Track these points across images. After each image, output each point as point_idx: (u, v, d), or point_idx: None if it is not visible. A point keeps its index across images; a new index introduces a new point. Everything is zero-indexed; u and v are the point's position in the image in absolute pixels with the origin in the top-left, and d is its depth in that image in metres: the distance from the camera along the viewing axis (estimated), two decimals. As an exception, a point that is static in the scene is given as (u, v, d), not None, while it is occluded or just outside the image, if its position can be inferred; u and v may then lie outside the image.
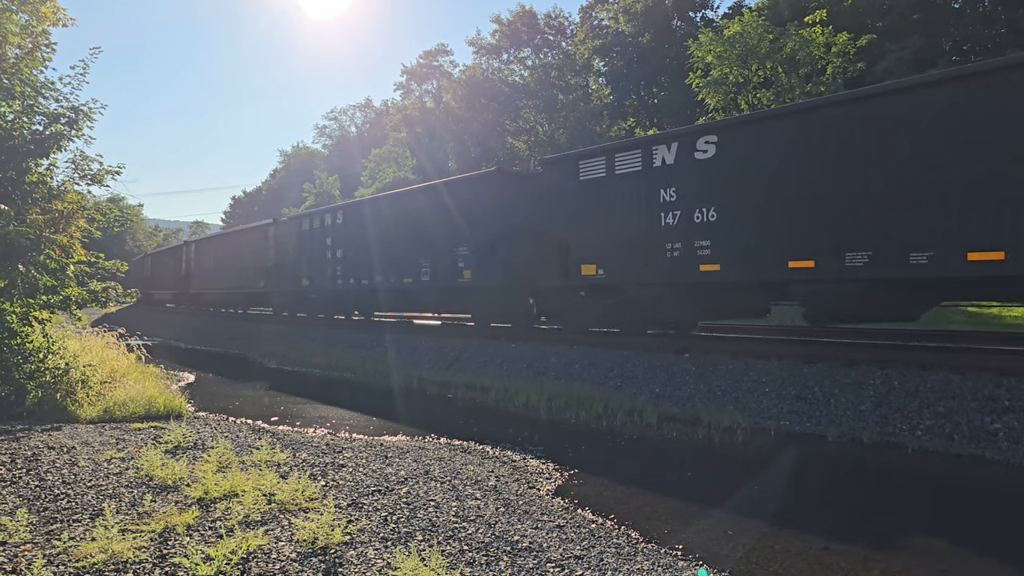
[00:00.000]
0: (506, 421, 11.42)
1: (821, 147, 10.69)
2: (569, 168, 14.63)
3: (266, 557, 4.46)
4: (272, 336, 24.00)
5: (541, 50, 46.83)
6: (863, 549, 5.56)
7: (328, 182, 56.19)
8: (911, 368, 9.81)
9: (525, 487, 7.06)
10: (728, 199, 11.91)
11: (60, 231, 9.71)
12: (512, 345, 15.39)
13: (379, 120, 70.07)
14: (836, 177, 10.50)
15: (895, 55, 23.62)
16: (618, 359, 12.97)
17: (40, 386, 9.57)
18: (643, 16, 39.28)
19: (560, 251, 14.82)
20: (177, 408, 10.11)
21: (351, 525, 5.12)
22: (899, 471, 8.07)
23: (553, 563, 4.72)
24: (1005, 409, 8.41)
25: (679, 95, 34.30)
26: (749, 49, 24.53)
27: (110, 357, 12.16)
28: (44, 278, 9.51)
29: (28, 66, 9.78)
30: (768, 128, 11.49)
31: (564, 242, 14.72)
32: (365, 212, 21.93)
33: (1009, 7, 24.10)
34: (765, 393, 10.43)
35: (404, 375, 15.88)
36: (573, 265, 14.53)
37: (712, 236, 12.09)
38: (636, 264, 13.31)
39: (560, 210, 14.80)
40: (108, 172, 10.41)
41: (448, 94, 48.93)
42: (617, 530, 5.83)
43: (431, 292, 18.82)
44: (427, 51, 59.18)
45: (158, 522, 4.95)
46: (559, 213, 14.83)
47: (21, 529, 4.76)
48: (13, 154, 9.55)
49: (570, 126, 40.08)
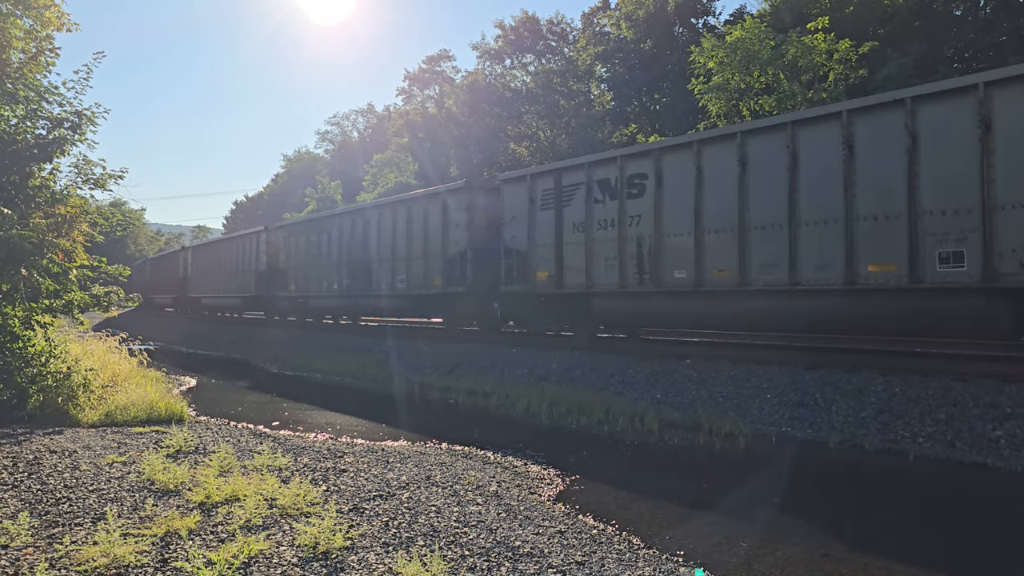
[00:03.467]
0: (507, 426, 11.41)
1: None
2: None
3: (268, 562, 4.46)
4: (273, 341, 24.02)
5: (544, 55, 46.92)
6: (864, 556, 5.55)
7: (330, 187, 56.22)
8: (913, 375, 9.79)
9: (526, 492, 7.06)
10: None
11: (63, 235, 9.72)
12: (513, 350, 15.39)
13: (381, 125, 70.14)
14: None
15: (897, 62, 23.62)
16: (619, 364, 12.97)
17: (42, 390, 9.58)
18: (645, 22, 39.33)
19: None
20: (179, 412, 10.12)
21: (352, 530, 5.12)
22: (901, 478, 8.06)
23: (554, 569, 4.71)
24: (1007, 416, 8.39)
25: (681, 101, 34.32)
26: (751, 55, 24.55)
27: (112, 361, 12.17)
28: (46, 282, 9.52)
29: (32, 70, 9.81)
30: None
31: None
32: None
33: (1010, 14, 24.15)
34: (766, 399, 10.42)
35: (406, 380, 15.88)
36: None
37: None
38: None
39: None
40: (111, 176, 10.45)
41: (450, 99, 48.95)
42: (618, 536, 5.82)
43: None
44: (430, 56, 59.18)
45: (160, 526, 4.95)
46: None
47: (23, 533, 4.77)
48: (16, 158, 9.58)
49: (572, 132, 40.13)
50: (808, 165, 10.85)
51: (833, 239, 10.47)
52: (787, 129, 11.10)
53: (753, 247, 11.47)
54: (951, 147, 9.37)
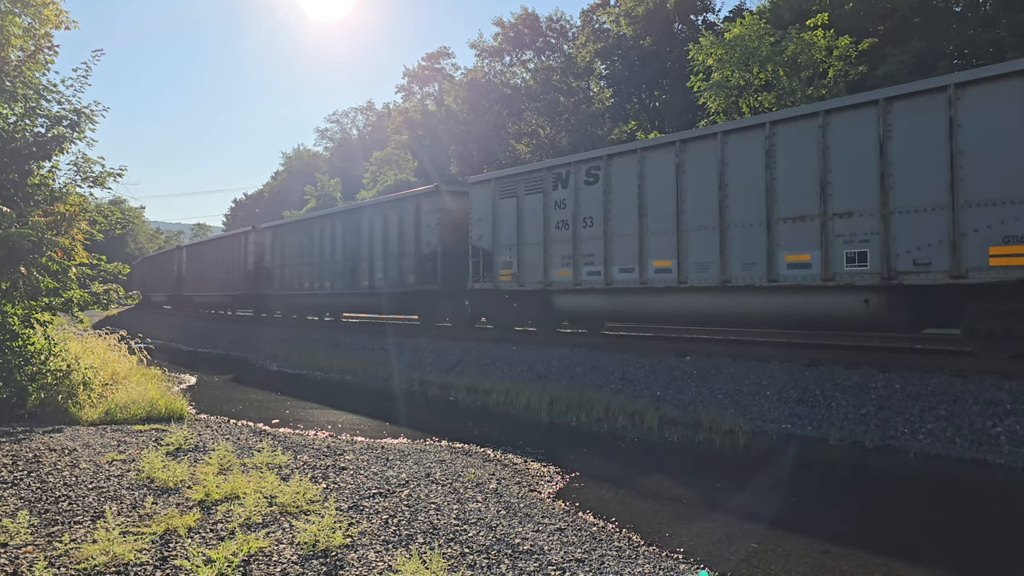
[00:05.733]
0: (507, 424, 11.42)
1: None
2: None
3: (267, 560, 4.46)
4: (273, 339, 24.03)
5: (543, 53, 46.83)
6: (864, 553, 5.55)
7: (330, 185, 56.18)
8: (913, 371, 9.78)
9: (526, 490, 7.06)
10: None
11: (62, 233, 9.71)
12: (513, 348, 15.39)
13: (380, 123, 69.98)
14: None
15: (897, 59, 23.58)
16: (619, 362, 12.97)
17: (42, 388, 9.57)
18: (644, 19, 39.25)
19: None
20: (178, 410, 10.11)
21: (352, 528, 5.12)
22: (901, 475, 8.06)
23: (554, 566, 4.71)
24: (1007, 412, 8.39)
25: (681, 98, 34.25)
26: (750, 52, 24.51)
27: (111, 359, 12.16)
28: (46, 280, 9.51)
29: (31, 69, 9.80)
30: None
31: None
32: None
33: (1010, 10, 24.08)
34: (766, 396, 10.42)
35: (406, 378, 15.89)
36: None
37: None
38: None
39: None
40: (110, 174, 10.44)
41: (450, 97, 48.86)
42: (618, 533, 5.82)
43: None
44: (429, 54, 59.03)
45: (159, 524, 4.95)
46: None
47: (22, 531, 4.76)
48: (15, 156, 9.57)
49: (572, 129, 40.08)
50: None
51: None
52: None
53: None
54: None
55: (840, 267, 10.43)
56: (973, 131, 9.17)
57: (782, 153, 11.19)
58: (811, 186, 10.77)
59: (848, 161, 10.40)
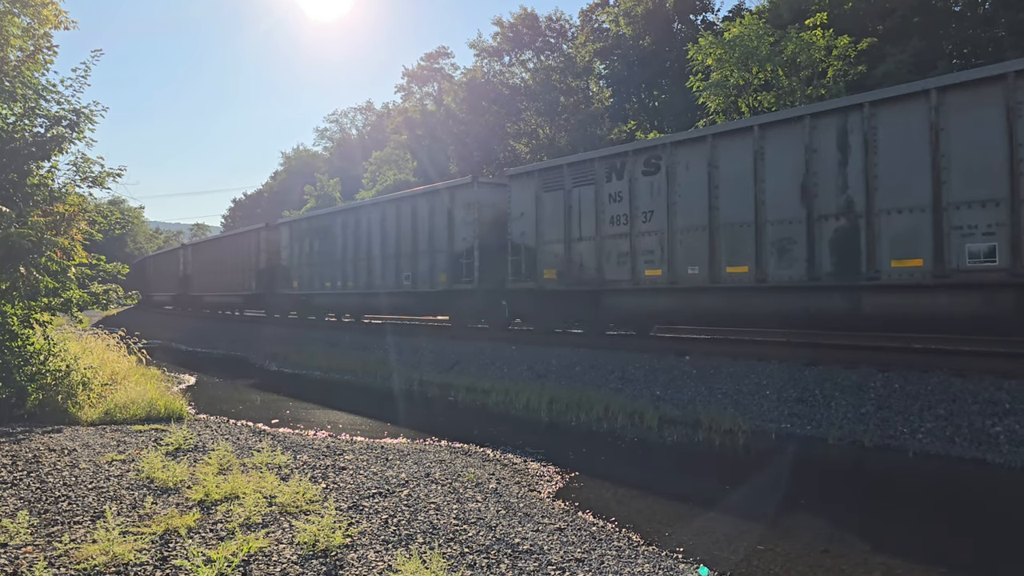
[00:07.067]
0: (507, 423, 11.42)
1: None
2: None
3: (267, 559, 4.46)
4: (273, 338, 24.01)
5: (542, 52, 46.80)
6: (863, 552, 5.56)
7: (329, 184, 56.14)
8: (912, 371, 9.79)
9: (526, 490, 7.06)
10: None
11: (61, 233, 9.70)
12: (513, 347, 15.38)
13: (380, 123, 69.94)
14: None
15: (896, 58, 23.59)
16: (619, 361, 12.97)
17: (41, 388, 9.57)
18: (644, 19, 39.25)
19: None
20: (178, 410, 10.11)
21: (352, 527, 5.12)
22: (900, 474, 8.06)
23: (554, 565, 4.71)
24: (1006, 412, 8.40)
25: (680, 98, 34.24)
26: (749, 52, 24.50)
27: (111, 359, 12.16)
28: (45, 280, 9.50)
29: (30, 69, 9.78)
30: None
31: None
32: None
33: (1010, 9, 24.08)
34: (766, 396, 10.43)
35: (405, 377, 15.88)
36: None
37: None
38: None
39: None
40: (109, 174, 10.43)
41: (449, 96, 48.85)
42: (618, 532, 5.82)
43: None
44: (428, 53, 58.94)
45: (159, 524, 4.95)
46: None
47: (22, 531, 4.76)
48: (15, 156, 9.56)
49: (571, 129, 40.06)
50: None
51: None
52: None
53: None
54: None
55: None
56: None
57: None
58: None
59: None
